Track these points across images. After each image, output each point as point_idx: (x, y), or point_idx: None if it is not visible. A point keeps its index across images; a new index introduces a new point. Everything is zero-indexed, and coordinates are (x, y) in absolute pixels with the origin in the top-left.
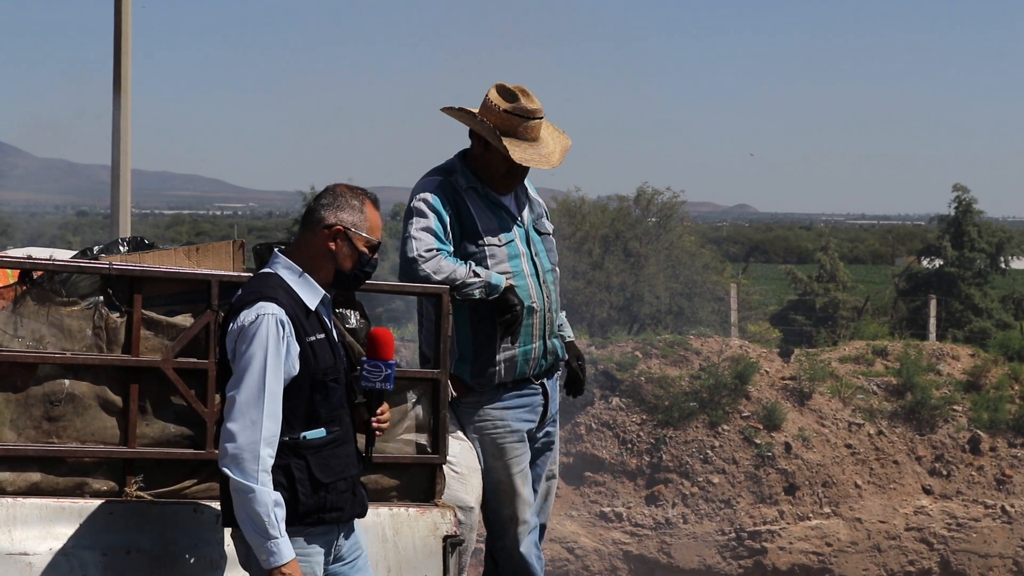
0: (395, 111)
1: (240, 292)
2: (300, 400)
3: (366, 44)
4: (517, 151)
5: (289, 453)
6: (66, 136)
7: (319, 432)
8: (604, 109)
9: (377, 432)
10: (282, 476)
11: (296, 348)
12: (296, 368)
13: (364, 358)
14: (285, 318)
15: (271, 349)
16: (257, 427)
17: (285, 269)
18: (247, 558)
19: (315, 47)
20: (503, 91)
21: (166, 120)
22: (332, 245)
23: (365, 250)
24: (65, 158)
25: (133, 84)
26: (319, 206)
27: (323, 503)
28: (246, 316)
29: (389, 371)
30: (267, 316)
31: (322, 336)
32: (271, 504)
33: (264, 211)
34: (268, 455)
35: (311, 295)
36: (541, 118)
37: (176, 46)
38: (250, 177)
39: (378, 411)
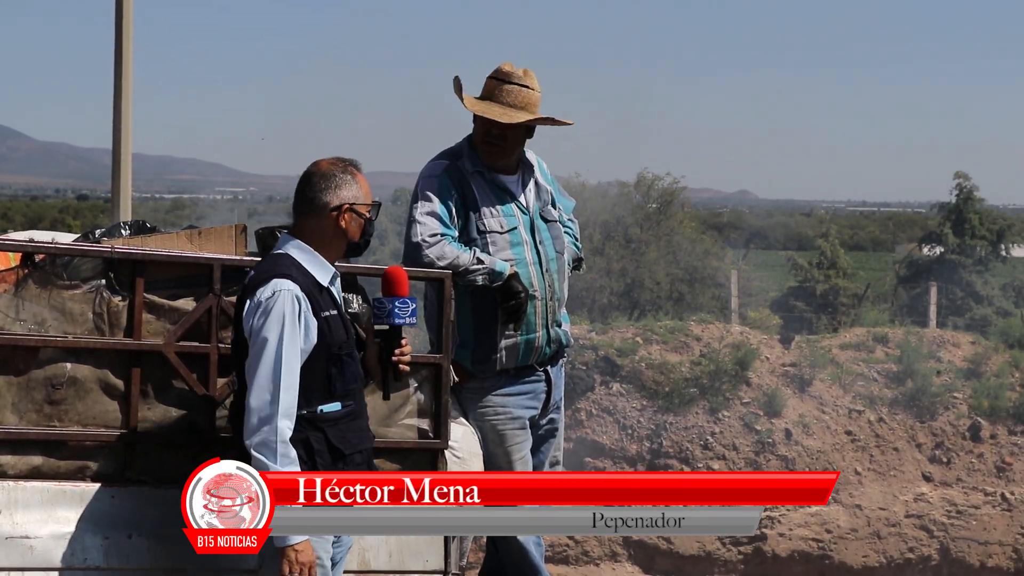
0: (395, 95)
1: (253, 273)
2: (317, 374)
3: (366, 27)
4: (479, 105)
5: (308, 426)
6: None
7: (335, 406)
8: (604, 93)
9: (401, 368)
10: (302, 450)
11: (314, 322)
12: (314, 342)
13: (391, 296)
14: (301, 294)
15: (288, 323)
16: (275, 401)
17: (295, 249)
18: None
19: (314, 30)
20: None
21: (167, 103)
22: (343, 223)
23: (369, 216)
24: (66, 141)
25: (134, 67)
26: (317, 191)
27: None
28: (262, 293)
29: (415, 305)
30: (283, 292)
31: (335, 312)
32: None
33: (264, 195)
34: (287, 427)
35: (323, 273)
36: (517, 85)
37: (177, 29)
38: (250, 161)
39: (402, 343)
